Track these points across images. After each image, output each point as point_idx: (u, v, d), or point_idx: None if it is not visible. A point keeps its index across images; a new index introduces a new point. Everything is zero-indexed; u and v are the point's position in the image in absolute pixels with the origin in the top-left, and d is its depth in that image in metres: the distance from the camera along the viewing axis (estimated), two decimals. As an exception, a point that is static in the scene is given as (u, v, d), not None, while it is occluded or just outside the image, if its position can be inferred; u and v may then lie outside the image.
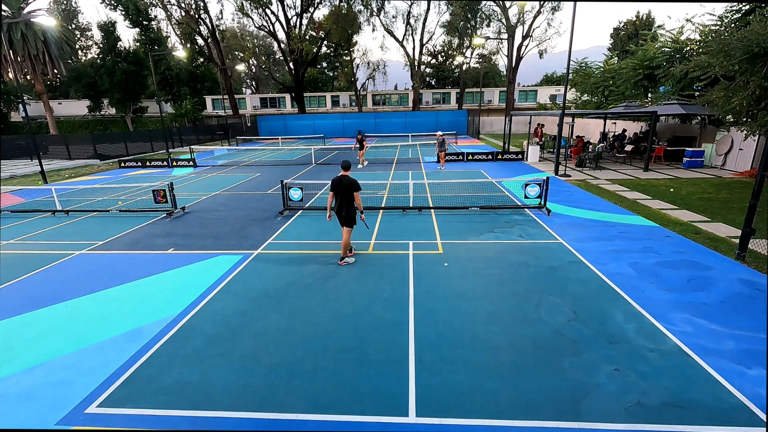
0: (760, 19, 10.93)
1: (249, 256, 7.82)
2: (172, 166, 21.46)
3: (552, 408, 3.73)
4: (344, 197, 6.91)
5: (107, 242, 9.02)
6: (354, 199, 6.94)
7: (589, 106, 27.00)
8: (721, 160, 16.41)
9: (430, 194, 12.70)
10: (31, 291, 6.63)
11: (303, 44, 39.72)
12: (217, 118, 49.24)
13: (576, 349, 4.61)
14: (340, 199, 6.93)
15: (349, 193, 6.88)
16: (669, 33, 20.34)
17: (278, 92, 54.81)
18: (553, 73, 63.44)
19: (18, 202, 13.82)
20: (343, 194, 6.90)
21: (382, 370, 4.34)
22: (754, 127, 11.81)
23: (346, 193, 6.89)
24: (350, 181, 6.87)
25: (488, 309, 5.58)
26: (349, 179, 6.88)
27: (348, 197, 6.91)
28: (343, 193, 6.90)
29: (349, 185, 6.85)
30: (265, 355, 4.66)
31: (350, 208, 6.98)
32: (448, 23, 44.61)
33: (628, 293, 5.91)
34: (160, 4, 41.41)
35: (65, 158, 25.85)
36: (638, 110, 18.77)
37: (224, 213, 11.34)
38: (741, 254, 7.03)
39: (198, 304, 5.94)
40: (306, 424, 3.63)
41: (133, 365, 4.55)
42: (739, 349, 4.55)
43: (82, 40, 56.93)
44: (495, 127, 41.80)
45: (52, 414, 3.86)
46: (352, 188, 6.86)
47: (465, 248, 7.91)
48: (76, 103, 53.37)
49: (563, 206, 10.98)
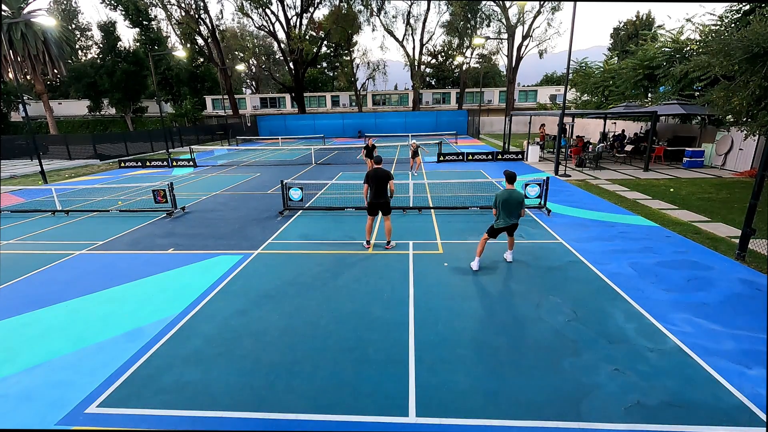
0: (760, 19, 10.93)
1: (249, 256, 7.82)
2: (172, 166, 21.46)
3: (552, 408, 3.73)
4: (381, 187, 7.62)
5: (107, 242, 9.02)
6: (388, 187, 7.70)
7: (589, 106, 27.00)
8: (721, 160, 16.41)
9: (430, 194, 12.70)
10: (31, 291, 6.63)
11: (303, 44, 39.70)
12: (217, 118, 49.25)
13: (576, 349, 4.61)
14: (377, 189, 7.63)
15: (385, 182, 7.62)
16: (669, 33, 20.35)
17: (278, 92, 54.79)
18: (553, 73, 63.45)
19: (18, 202, 13.82)
20: (379, 184, 7.60)
21: (382, 370, 4.34)
22: (754, 127, 11.81)
23: (382, 183, 7.61)
24: (385, 172, 7.64)
25: (488, 309, 5.59)
26: (383, 170, 7.63)
27: (384, 187, 7.64)
28: (379, 183, 7.60)
29: (385, 176, 7.61)
30: (265, 355, 4.66)
31: (387, 195, 7.75)
32: (448, 23, 44.62)
33: (628, 293, 5.91)
34: (160, 4, 41.43)
35: (65, 158, 25.85)
36: (638, 110, 18.77)
37: (224, 213, 11.35)
38: (741, 254, 7.03)
39: (198, 304, 5.94)
40: (306, 424, 3.63)
41: (133, 365, 4.55)
42: (739, 349, 4.54)
43: (82, 40, 56.97)
44: (495, 127, 41.79)
45: (52, 414, 3.86)
46: (388, 178, 7.63)
47: (465, 248, 7.91)
48: (76, 103, 53.35)
49: (563, 206, 10.98)
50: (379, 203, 7.74)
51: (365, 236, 8.16)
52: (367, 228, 8.09)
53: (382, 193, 7.66)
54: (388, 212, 7.91)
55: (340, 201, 11.83)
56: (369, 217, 8.01)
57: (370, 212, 7.93)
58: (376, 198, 7.69)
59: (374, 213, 7.90)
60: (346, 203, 11.41)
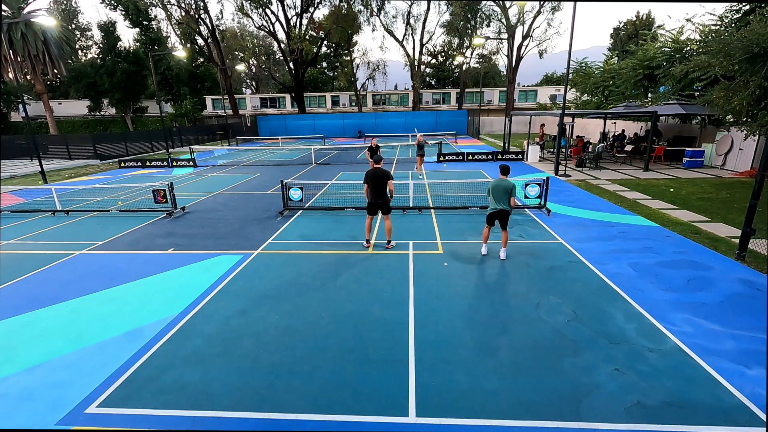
0: (760, 19, 10.94)
1: (249, 256, 7.82)
2: (172, 166, 21.46)
3: (552, 408, 3.73)
4: (380, 187, 7.65)
5: (107, 242, 9.02)
6: (387, 187, 7.70)
7: (589, 106, 26.99)
8: (721, 160, 16.41)
9: (430, 194, 12.70)
10: (31, 291, 6.63)
11: (303, 44, 39.71)
12: (217, 118, 49.26)
13: (576, 349, 4.61)
14: (376, 189, 7.67)
15: (384, 182, 7.62)
16: (669, 33, 20.35)
17: (278, 92, 54.79)
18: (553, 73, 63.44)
19: (18, 202, 13.82)
20: (378, 184, 7.63)
21: (382, 370, 4.34)
22: (754, 127, 11.81)
23: (381, 183, 7.63)
24: (384, 172, 7.66)
25: (488, 309, 5.58)
26: (383, 170, 7.64)
27: (383, 186, 7.65)
28: (378, 183, 7.63)
29: (384, 176, 7.63)
30: (265, 355, 4.66)
31: (386, 195, 7.75)
32: (448, 23, 44.61)
33: (628, 293, 5.91)
34: (160, 4, 41.42)
35: (65, 158, 25.85)
36: (638, 110, 18.77)
37: (224, 213, 11.35)
38: (741, 254, 7.03)
39: (198, 304, 5.94)
40: (306, 424, 3.63)
41: (133, 365, 4.55)
42: (739, 349, 4.54)
43: (82, 40, 56.94)
44: (495, 127, 41.79)
45: (52, 414, 3.86)
46: (387, 178, 7.63)
47: (465, 248, 7.91)
48: (76, 103, 53.34)
49: (563, 206, 10.98)
50: (378, 203, 7.78)
51: (365, 235, 8.17)
52: (366, 227, 8.12)
53: (381, 193, 7.69)
54: (388, 212, 7.93)
55: (340, 201, 11.83)
56: (368, 216, 8.05)
57: (369, 212, 7.98)
58: (375, 198, 7.74)
59: (373, 212, 7.95)
60: (346, 203, 11.41)
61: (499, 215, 7.18)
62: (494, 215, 7.23)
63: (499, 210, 7.09)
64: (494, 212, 7.18)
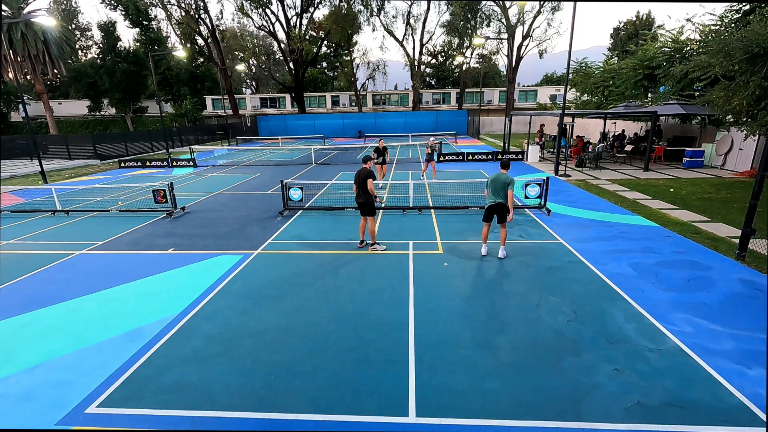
0: (760, 19, 10.94)
1: (249, 256, 7.82)
2: (172, 166, 21.46)
3: (552, 408, 3.73)
4: (361, 187, 7.60)
5: (107, 242, 9.02)
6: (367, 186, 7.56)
7: (589, 106, 26.99)
8: (721, 160, 16.40)
9: (430, 194, 12.70)
10: (31, 291, 6.63)
11: (303, 44, 39.74)
12: (217, 118, 49.24)
13: (576, 349, 4.61)
14: (358, 189, 7.64)
15: (364, 181, 7.53)
16: (669, 33, 20.35)
17: (278, 92, 54.80)
18: (553, 73, 63.46)
19: (18, 202, 13.82)
20: (360, 184, 7.59)
21: (382, 370, 4.34)
22: (754, 127, 11.81)
23: (362, 183, 7.57)
24: (365, 171, 7.57)
25: (488, 309, 5.58)
26: (365, 170, 7.58)
27: (364, 186, 7.55)
28: (360, 183, 7.59)
29: (364, 175, 7.55)
30: (265, 355, 4.66)
31: (367, 195, 7.61)
32: (448, 23, 44.63)
33: (628, 293, 5.91)
34: (160, 4, 41.42)
35: (65, 158, 25.84)
36: (638, 110, 18.77)
37: (224, 213, 11.34)
38: (741, 254, 7.03)
39: (198, 304, 5.94)
40: (306, 424, 3.63)
41: (133, 365, 4.55)
42: (739, 349, 4.54)
43: (82, 40, 56.97)
44: (495, 127, 41.78)
45: (52, 414, 3.86)
46: (366, 177, 7.54)
47: (465, 248, 7.91)
48: (76, 103, 53.35)
49: (563, 206, 10.98)
50: (358, 203, 7.73)
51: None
52: (360, 228, 8.15)
53: (361, 193, 7.63)
54: (366, 213, 7.75)
55: (340, 201, 11.83)
56: (362, 216, 8.02)
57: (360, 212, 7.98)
58: (356, 198, 7.75)
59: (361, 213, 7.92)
60: (346, 203, 11.41)
61: (497, 210, 7.17)
62: (492, 210, 7.22)
63: (497, 204, 7.10)
64: (492, 206, 7.18)
